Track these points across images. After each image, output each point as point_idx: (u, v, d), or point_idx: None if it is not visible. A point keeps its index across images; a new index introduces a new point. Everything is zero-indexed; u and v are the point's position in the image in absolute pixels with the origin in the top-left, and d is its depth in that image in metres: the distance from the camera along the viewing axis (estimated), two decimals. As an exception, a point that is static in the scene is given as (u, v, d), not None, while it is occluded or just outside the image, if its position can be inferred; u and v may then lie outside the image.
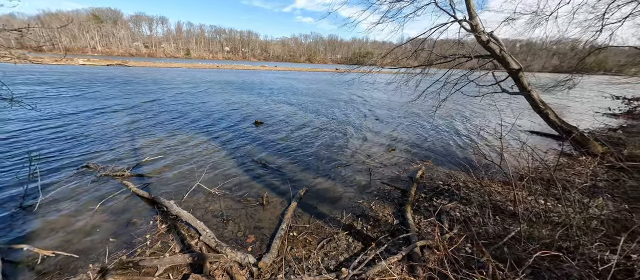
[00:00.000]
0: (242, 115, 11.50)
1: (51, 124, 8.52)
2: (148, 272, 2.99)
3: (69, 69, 29.40)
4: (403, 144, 8.39)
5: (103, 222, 3.88)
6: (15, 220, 3.82)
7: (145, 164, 5.92)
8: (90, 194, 4.56)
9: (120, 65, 41.02)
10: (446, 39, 9.49)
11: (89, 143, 7.06)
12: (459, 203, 4.50)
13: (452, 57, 7.64)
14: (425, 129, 10.47)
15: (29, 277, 2.92)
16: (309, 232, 3.82)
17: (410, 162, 6.77)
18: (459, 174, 6.03)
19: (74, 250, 3.24)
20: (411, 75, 8.29)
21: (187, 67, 49.41)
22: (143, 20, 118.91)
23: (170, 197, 4.53)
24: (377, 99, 18.29)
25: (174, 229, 3.76)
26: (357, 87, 24.88)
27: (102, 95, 14.43)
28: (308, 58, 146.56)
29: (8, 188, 4.59)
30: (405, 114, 13.36)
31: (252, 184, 5.33)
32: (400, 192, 5.13)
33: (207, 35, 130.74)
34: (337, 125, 10.44)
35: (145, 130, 8.47)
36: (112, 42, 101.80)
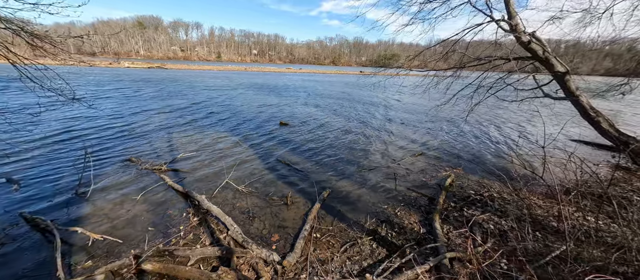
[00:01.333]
0: (268, 116, 11.84)
1: (102, 120, 9.48)
2: (181, 262, 3.19)
3: (116, 72, 32.55)
4: (430, 149, 8.06)
5: (143, 212, 4.22)
6: (71, 205, 4.30)
7: (179, 160, 6.34)
8: (132, 185, 4.99)
9: (159, 68, 44.50)
10: (481, 40, 8.94)
11: (132, 138, 7.74)
12: (493, 215, 4.21)
13: (487, 59, 7.19)
14: (455, 134, 9.95)
15: (81, 257, 3.26)
16: (332, 235, 3.82)
17: (438, 169, 6.47)
18: (492, 183, 5.64)
19: (118, 236, 3.57)
20: (441, 78, 7.94)
21: (218, 69, 52.15)
22: (180, 26, 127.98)
23: (201, 192, 4.79)
24: (403, 102, 17.79)
25: (204, 222, 3.97)
26: (383, 90, 24.41)
27: (143, 96, 15.75)
28: (332, 60, 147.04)
29: (67, 176, 5.19)
30: (434, 118, 12.82)
31: (277, 183, 5.46)
32: (428, 199, 4.93)
33: (237, 39, 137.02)
34: (361, 128, 10.33)
35: (180, 128, 9.08)
36: (153, 46, 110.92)
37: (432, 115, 13.35)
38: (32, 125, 8.19)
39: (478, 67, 7.67)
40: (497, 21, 6.74)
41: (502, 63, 7.20)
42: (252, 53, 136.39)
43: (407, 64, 9.48)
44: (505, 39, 7.43)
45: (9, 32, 3.39)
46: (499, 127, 11.39)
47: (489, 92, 7.37)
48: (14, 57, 3.39)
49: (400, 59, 52.24)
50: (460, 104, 7.70)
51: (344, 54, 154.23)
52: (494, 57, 7.01)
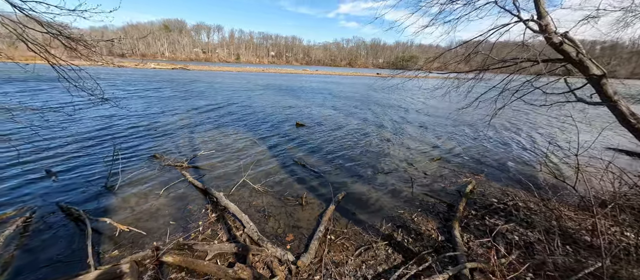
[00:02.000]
0: (284, 117, 11.99)
1: (130, 119, 10.05)
2: (199, 256, 3.29)
3: (144, 72, 34.41)
4: (450, 154, 7.78)
5: (165, 206, 4.41)
6: (101, 197, 4.58)
7: (200, 158, 6.57)
8: (156, 180, 5.24)
9: (182, 69, 46.51)
10: (506, 41, 8.52)
11: (157, 136, 8.13)
12: (518, 225, 3.98)
13: (513, 61, 6.83)
14: (477, 139, 9.54)
15: (108, 246, 3.46)
16: (346, 238, 3.78)
17: (458, 175, 6.23)
18: (517, 192, 5.35)
19: (142, 228, 3.75)
20: (462, 80, 7.65)
21: (237, 70, 53.62)
22: (203, 29, 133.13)
23: (219, 189, 4.93)
24: (422, 105, 17.34)
25: (222, 219, 4.08)
26: (400, 93, 23.95)
27: (167, 96, 16.52)
28: (349, 62, 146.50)
29: (98, 170, 5.55)
30: (454, 122, 12.38)
31: (292, 183, 5.50)
32: (446, 206, 4.76)
33: (256, 41, 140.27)
34: (377, 131, 10.19)
35: (200, 127, 9.42)
36: (177, 48, 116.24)
37: (452, 119, 12.90)
38: (68, 122, 8.84)
39: (503, 70, 7.30)
40: (525, 21, 6.39)
41: (530, 65, 6.81)
42: (270, 55, 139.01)
43: (427, 66, 9.22)
44: (533, 40, 7.02)
45: (49, 35, 3.69)
46: (526, 133, 10.79)
47: (514, 96, 6.98)
48: (53, 59, 3.67)
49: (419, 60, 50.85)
50: (482, 107, 7.36)
51: (361, 56, 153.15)
52: (521, 59, 6.65)
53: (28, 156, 5.97)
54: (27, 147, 6.32)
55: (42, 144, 6.68)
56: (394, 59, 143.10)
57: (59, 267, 3.07)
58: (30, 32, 3.42)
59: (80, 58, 3.98)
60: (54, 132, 7.68)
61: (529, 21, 6.43)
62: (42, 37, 3.64)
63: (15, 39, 3.42)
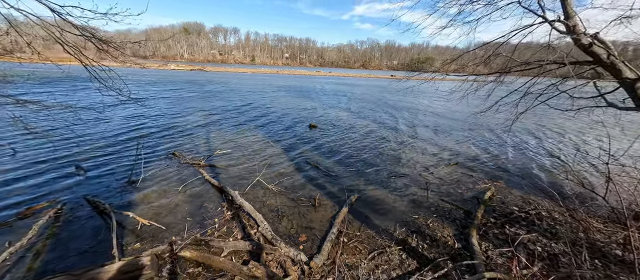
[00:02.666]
0: (297, 118, 12.09)
1: (152, 118, 10.50)
2: (215, 252, 3.38)
3: (164, 73, 35.85)
4: (467, 159, 7.54)
5: (183, 202, 4.57)
6: (124, 192, 4.81)
7: (216, 156, 6.75)
8: (175, 177, 5.44)
9: (200, 70, 48.04)
10: (529, 43, 8.17)
11: (176, 134, 8.44)
12: (541, 236, 3.79)
13: (537, 63, 6.54)
14: (496, 144, 9.19)
15: (131, 239, 3.62)
16: (359, 241, 3.76)
17: (476, 181, 6.03)
18: (540, 200, 5.10)
19: (162, 223, 3.90)
20: (481, 83, 7.40)
21: (252, 72, 54.67)
22: (220, 31, 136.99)
23: (234, 187, 5.04)
24: (438, 109, 16.93)
25: (237, 217, 4.17)
26: (416, 95, 23.52)
27: (186, 96, 17.11)
28: (362, 64, 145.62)
29: (122, 166, 5.83)
30: (472, 126, 11.99)
31: (305, 184, 5.54)
32: (463, 212, 4.61)
33: (270, 43, 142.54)
34: (391, 134, 10.05)
35: (216, 127, 9.68)
36: (195, 50, 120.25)
37: (470, 123, 12.50)
38: (97, 120, 9.36)
39: (525, 72, 7.01)
40: (551, 22, 6.10)
41: (556, 68, 6.49)
42: (284, 56, 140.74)
43: (444, 68, 9.00)
44: (559, 42, 6.68)
45: (83, 37, 3.94)
46: (549, 139, 10.27)
47: (538, 100, 6.68)
48: (86, 60, 3.90)
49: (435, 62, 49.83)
50: (503, 112, 7.08)
51: (375, 58, 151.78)
52: (546, 61, 6.35)
53: (61, 151, 6.38)
54: (61, 142, 6.77)
55: (74, 139, 7.12)
56: (408, 60, 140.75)
57: (86, 257, 3.26)
58: (66, 35, 3.67)
59: (110, 59, 4.21)
60: (85, 129, 8.17)
61: (555, 22, 6.13)
62: (77, 40, 3.89)
63: (53, 41, 3.67)
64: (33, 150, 6.35)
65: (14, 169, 5.39)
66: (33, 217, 3.90)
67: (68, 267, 3.06)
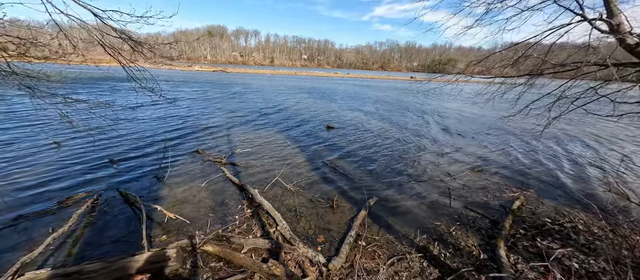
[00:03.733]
0: (315, 119, 12.15)
1: (179, 116, 11.04)
2: (236, 248, 3.47)
3: (190, 74, 37.58)
4: (493, 165, 7.16)
5: (206, 198, 4.74)
6: (152, 186, 5.08)
7: (237, 155, 6.95)
8: (198, 174, 5.66)
9: (222, 71, 49.79)
10: (564, 43, 7.62)
11: (199, 133, 8.80)
12: (578, 251, 3.51)
13: (573, 65, 6.08)
14: (526, 150, 8.66)
15: (158, 231, 3.81)
16: (378, 245, 3.69)
17: (503, 189, 5.71)
18: (576, 213, 4.72)
19: (187, 217, 4.07)
20: (510, 86, 7.01)
21: (270, 73, 55.78)
22: (241, 34, 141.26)
23: (254, 186, 5.15)
24: (461, 112, 16.28)
25: (256, 215, 4.26)
26: (437, 98, 22.78)
27: (209, 96, 17.80)
28: (381, 65, 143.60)
29: (150, 161, 6.17)
30: (498, 131, 11.39)
31: (323, 185, 5.54)
32: (489, 221, 4.38)
33: (289, 45, 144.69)
34: (411, 137, 9.79)
35: (237, 127, 9.97)
36: (218, 52, 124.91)
37: (497, 128, 11.88)
38: (131, 117, 9.99)
39: (559, 75, 6.54)
40: (591, 21, 5.65)
41: (595, 70, 6.00)
42: (302, 58, 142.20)
43: (469, 70, 8.63)
44: (600, 42, 6.16)
45: (121, 40, 4.22)
46: (587, 147, 9.50)
47: (574, 104, 6.20)
48: (124, 61, 4.16)
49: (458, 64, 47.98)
50: (533, 116, 6.67)
51: (394, 59, 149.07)
52: (584, 62, 5.88)
53: (98, 145, 6.88)
54: (99, 137, 7.31)
55: (110, 135, 7.66)
56: (429, 62, 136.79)
57: (118, 245, 3.48)
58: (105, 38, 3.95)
59: (143, 60, 4.48)
60: (120, 125, 8.75)
61: (595, 21, 5.69)
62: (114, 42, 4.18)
63: (93, 44, 3.97)
64: (74, 144, 6.90)
65: (57, 160, 5.88)
66: (73, 205, 4.23)
67: (103, 254, 3.27)
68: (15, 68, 3.42)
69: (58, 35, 3.53)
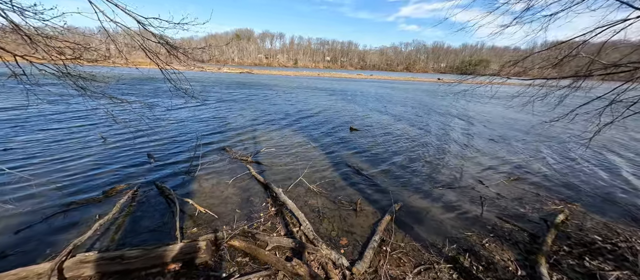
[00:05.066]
0: (338, 121, 12.11)
1: (209, 115, 11.63)
2: (260, 245, 3.54)
3: (218, 76, 39.49)
4: (532, 174, 6.61)
5: (232, 195, 4.92)
6: (184, 181, 5.38)
7: (261, 154, 7.14)
8: (226, 171, 5.89)
9: (248, 73, 51.67)
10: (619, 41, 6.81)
11: (226, 131, 9.18)
12: (637, 275, 3.10)
13: (631, 65, 5.42)
14: (570, 159, 7.88)
15: (189, 224, 4.02)
16: (403, 252, 3.56)
17: (543, 200, 5.24)
18: (634, 231, 4.18)
19: (215, 212, 4.25)
20: (552, 88, 6.42)
21: (294, 75, 56.71)
22: (267, 37, 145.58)
23: (278, 185, 5.25)
24: (495, 116, 15.27)
25: (280, 213, 4.32)
26: (467, 100, 21.59)
27: (236, 97, 18.54)
28: (406, 67, 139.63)
29: (183, 157, 6.56)
30: (538, 137, 10.50)
31: (346, 187, 5.48)
32: (528, 235, 4.04)
33: (313, 46, 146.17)
34: (439, 141, 9.37)
35: (262, 126, 10.25)
36: (244, 54, 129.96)
37: (536, 134, 10.96)
38: (167, 115, 10.71)
39: (611, 77, 5.85)
40: (655, 15, 4.99)
41: (660, 71, 5.28)
42: (325, 59, 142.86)
43: (504, 71, 8.06)
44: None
45: (159, 44, 4.54)
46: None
47: (630, 110, 5.52)
48: (162, 64, 4.46)
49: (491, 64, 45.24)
50: (579, 122, 6.05)
51: (420, 60, 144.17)
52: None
53: (139, 141, 7.47)
54: (139, 134, 7.94)
55: (149, 132, 8.28)
56: (459, 63, 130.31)
57: (154, 235, 3.72)
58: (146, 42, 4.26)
59: (178, 63, 4.77)
60: (158, 123, 9.44)
61: (662, 15, 5.03)
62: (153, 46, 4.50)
63: (135, 48, 4.30)
64: (118, 140, 7.56)
65: (103, 154, 6.47)
66: (116, 195, 4.62)
67: (141, 242, 3.53)
68: (71, 70, 3.81)
69: (106, 41, 3.88)
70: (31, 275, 2.63)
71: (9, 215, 3.91)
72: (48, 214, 4.02)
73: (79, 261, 2.81)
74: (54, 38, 3.16)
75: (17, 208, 4.08)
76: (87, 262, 2.81)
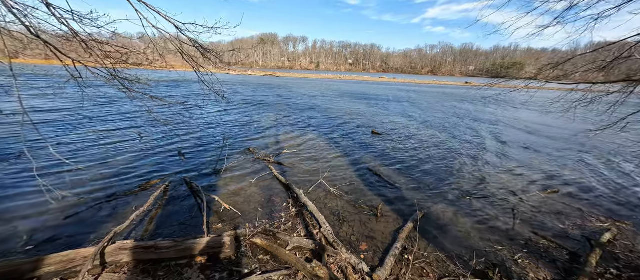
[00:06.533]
0: (360, 124, 12.00)
1: (235, 115, 12.12)
2: (281, 244, 3.61)
3: (244, 78, 41.04)
4: (574, 187, 6.05)
5: (255, 194, 5.07)
6: (211, 179, 5.65)
7: (283, 155, 7.28)
8: (249, 170, 6.09)
9: (271, 76, 53.14)
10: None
11: (250, 132, 9.50)
12: (703, 309, 2.70)
13: (699, 69, 4.78)
14: (620, 173, 7.10)
15: (215, 220, 4.20)
16: (426, 262, 3.43)
17: (587, 217, 4.77)
18: (700, 259, 3.66)
19: (238, 209, 4.41)
20: (599, 94, 5.84)
21: (316, 77, 57.24)
22: (290, 40, 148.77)
23: (299, 186, 5.31)
24: (531, 123, 14.23)
25: (301, 214, 4.37)
26: (498, 105, 20.35)
27: (260, 99, 19.12)
28: (431, 70, 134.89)
29: (211, 155, 6.89)
30: (581, 146, 9.60)
31: (367, 192, 5.41)
32: (567, 254, 3.70)
33: (335, 49, 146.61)
34: (466, 148, 8.92)
35: (284, 128, 10.46)
36: (268, 57, 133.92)
37: (579, 143, 10.03)
38: (197, 115, 11.35)
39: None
40: None
41: None
42: (347, 62, 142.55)
43: (542, 75, 7.49)
44: None
45: (194, 48, 4.84)
46: None
47: (698, 119, 4.86)
48: (197, 66, 4.73)
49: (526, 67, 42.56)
50: (630, 131, 5.45)
51: (447, 63, 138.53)
52: None
53: (172, 138, 7.99)
54: (173, 131, 8.51)
55: (180, 130, 8.83)
56: (489, 65, 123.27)
57: (183, 228, 3.95)
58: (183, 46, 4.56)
59: (209, 66, 5.04)
60: (189, 122, 10.04)
61: None
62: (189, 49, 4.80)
63: (175, 52, 4.61)
64: (153, 137, 8.14)
65: (139, 150, 7.00)
66: (150, 189, 4.97)
67: (171, 234, 3.76)
68: (118, 73, 4.19)
69: (149, 45, 4.21)
70: (78, 258, 2.91)
71: (61, 202, 4.36)
72: (92, 203, 4.43)
73: (118, 248, 3.06)
74: (105, 43, 3.49)
75: (68, 196, 4.54)
76: (125, 249, 3.06)
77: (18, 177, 5.14)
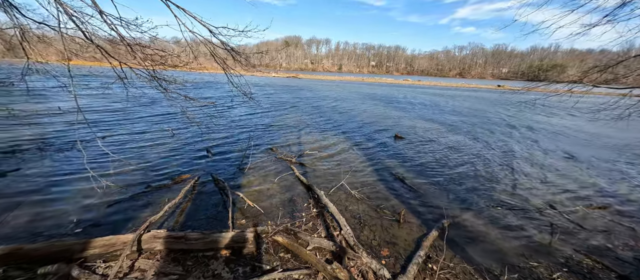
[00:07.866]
0: (383, 127, 11.78)
1: (260, 116, 12.52)
2: (301, 244, 3.65)
3: (269, 80, 42.27)
4: (625, 203, 5.43)
5: (277, 193, 5.18)
6: (236, 176, 5.88)
7: (305, 155, 7.37)
8: (272, 169, 6.25)
9: (294, 77, 54.09)
10: None
11: (273, 132, 9.74)
12: None
13: None
14: (683, 190, 6.23)
15: (238, 215, 4.36)
16: (453, 274, 3.27)
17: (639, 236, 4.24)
18: None
19: (261, 207, 4.54)
20: (659, 100, 5.18)
21: (338, 79, 57.24)
22: (314, 43, 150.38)
23: (320, 187, 5.34)
24: (574, 130, 13.02)
25: (321, 215, 4.39)
26: (536, 111, 18.87)
27: (283, 100, 19.53)
28: (459, 72, 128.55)
29: (236, 153, 7.17)
30: (633, 157, 8.59)
31: (389, 196, 5.29)
32: (617, 277, 3.32)
33: (358, 51, 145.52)
34: (497, 155, 8.37)
35: (306, 129, 10.58)
36: (292, 59, 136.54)
37: (634, 155, 8.98)
38: (226, 114, 11.90)
39: None
40: None
41: None
42: (370, 64, 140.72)
43: (588, 78, 6.82)
44: None
45: (225, 51, 5.09)
46: None
47: None
48: (228, 69, 4.96)
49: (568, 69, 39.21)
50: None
51: (476, 65, 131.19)
52: None
53: (202, 136, 8.46)
54: (202, 129, 9.01)
55: (209, 128, 9.33)
56: (525, 67, 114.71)
57: (209, 222, 4.15)
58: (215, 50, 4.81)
59: (241, 68, 5.26)
60: (218, 121, 10.56)
61: None
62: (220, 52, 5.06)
63: (208, 55, 4.89)
64: (184, 134, 8.67)
65: (172, 146, 7.49)
66: (181, 183, 5.29)
67: (199, 226, 3.97)
68: (157, 74, 4.52)
69: (185, 48, 4.51)
70: (118, 243, 3.18)
71: (106, 191, 4.80)
72: (131, 193, 4.82)
73: (153, 236, 3.30)
74: (146, 47, 3.80)
75: (112, 186, 4.98)
76: (158, 238, 3.29)
77: (72, 166, 5.75)
